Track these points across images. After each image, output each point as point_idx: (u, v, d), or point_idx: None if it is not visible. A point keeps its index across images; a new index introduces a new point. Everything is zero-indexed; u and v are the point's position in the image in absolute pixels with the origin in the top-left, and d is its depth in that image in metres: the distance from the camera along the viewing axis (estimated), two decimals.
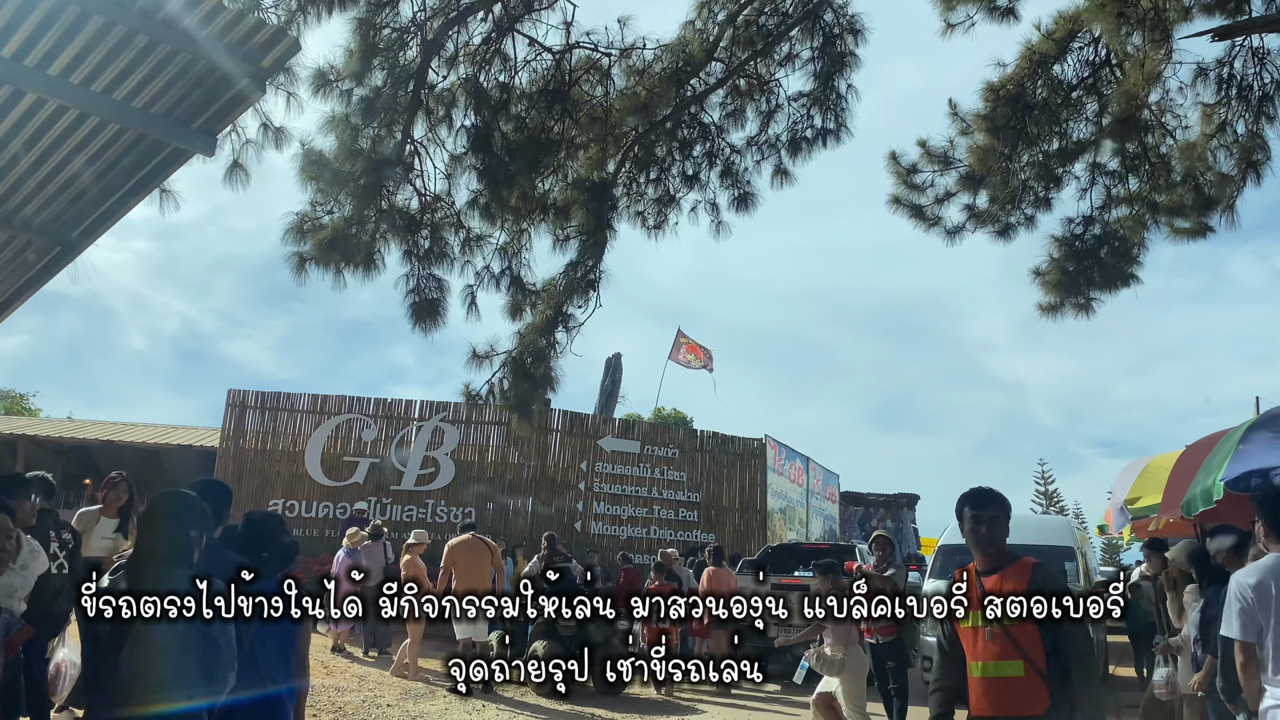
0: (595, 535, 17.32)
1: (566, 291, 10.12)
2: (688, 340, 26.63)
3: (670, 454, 18.57)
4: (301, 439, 16.20)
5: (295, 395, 16.48)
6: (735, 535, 19.12)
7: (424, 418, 16.67)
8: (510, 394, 10.18)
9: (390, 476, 16.26)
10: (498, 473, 16.95)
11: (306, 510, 15.76)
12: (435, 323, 9.81)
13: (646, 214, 11.47)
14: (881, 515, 29.45)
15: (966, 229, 12.24)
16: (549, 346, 10.31)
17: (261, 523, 4.15)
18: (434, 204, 10.08)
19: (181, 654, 3.02)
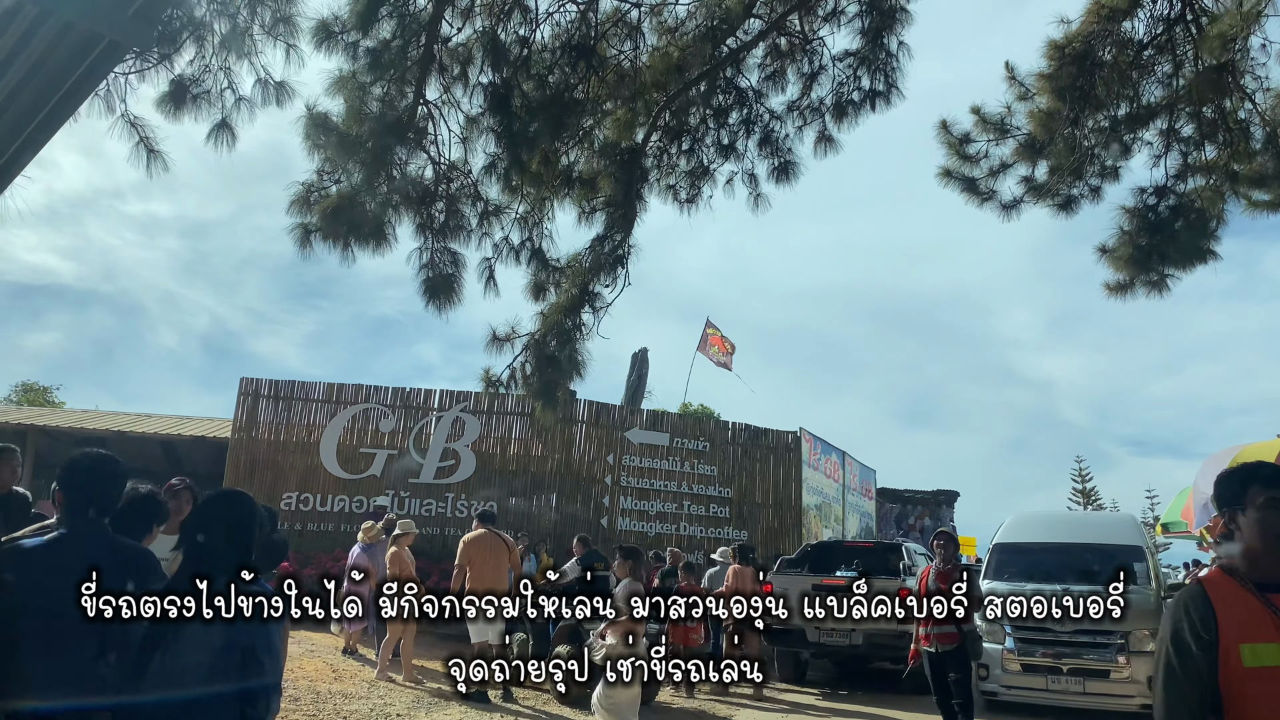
0: (621, 531, 16.63)
1: (593, 268, 9.43)
2: (714, 331, 25.89)
3: (700, 447, 17.85)
4: (316, 430, 15.65)
5: (310, 384, 15.92)
6: (768, 532, 18.39)
7: (444, 408, 16.05)
8: (533, 379, 9.51)
9: (410, 469, 15.66)
10: (520, 466, 16.31)
11: (321, 504, 15.20)
12: (450, 300, 9.15)
13: (679, 187, 10.78)
14: (919, 513, 28.58)
15: (1024, 203, 11.42)
16: (574, 328, 9.61)
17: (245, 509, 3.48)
18: (449, 173, 9.41)
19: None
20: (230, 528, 3.05)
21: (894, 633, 10.77)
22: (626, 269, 9.54)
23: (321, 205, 8.50)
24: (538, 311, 9.57)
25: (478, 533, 9.57)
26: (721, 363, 25.80)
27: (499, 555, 9.29)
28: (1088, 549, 10.34)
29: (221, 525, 3.04)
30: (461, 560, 9.36)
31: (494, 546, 9.33)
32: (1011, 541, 10.86)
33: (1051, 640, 9.74)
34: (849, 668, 12.58)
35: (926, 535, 28.34)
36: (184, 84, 7.39)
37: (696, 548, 17.38)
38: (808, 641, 11.15)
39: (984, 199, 11.63)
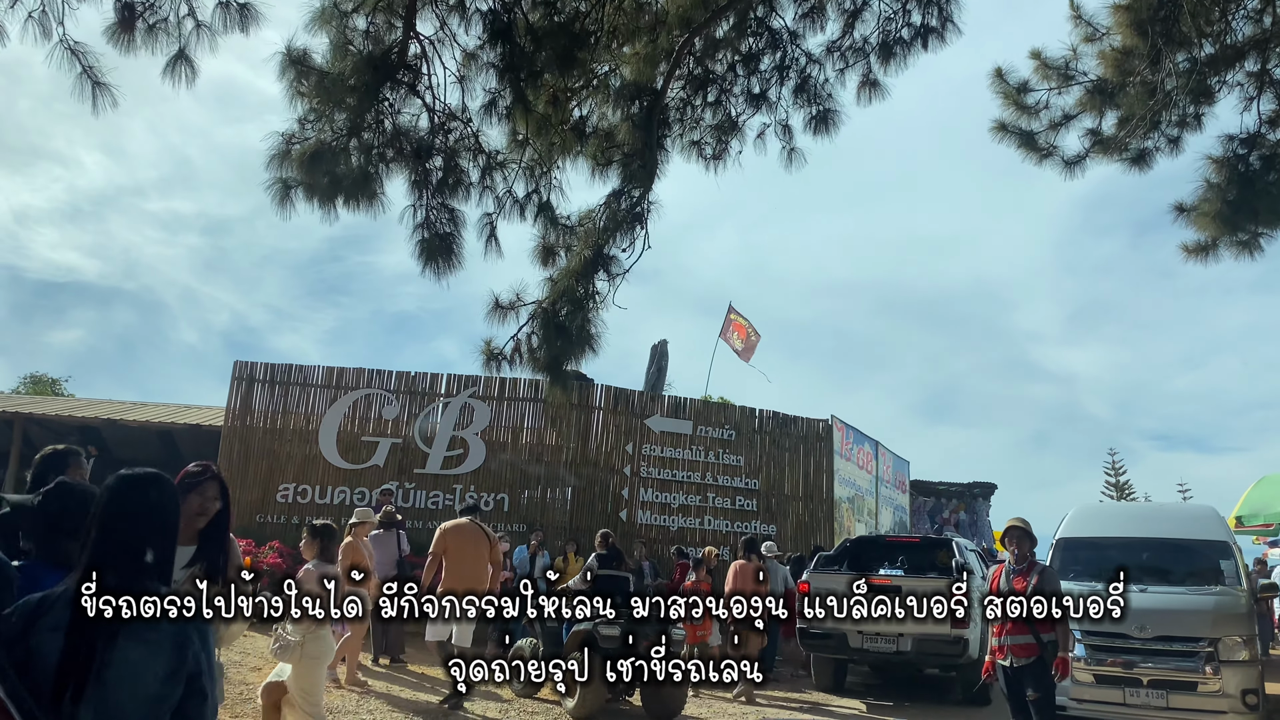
0: (642, 525, 15.69)
1: (608, 228, 8.45)
2: (736, 317, 24.82)
3: (726, 435, 16.85)
4: (315, 417, 14.79)
5: (308, 368, 15.05)
6: (798, 527, 17.41)
7: (451, 394, 15.14)
8: (540, 352, 8.55)
9: (415, 459, 14.76)
10: (533, 455, 15.38)
11: (320, 496, 14.34)
12: (450, 262, 8.21)
13: (704, 143, 9.81)
14: (954, 506, 27.46)
15: (1089, 159, 10.38)
16: (587, 296, 8.64)
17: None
18: (447, 123, 8.45)
19: None
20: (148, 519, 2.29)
21: (947, 638, 9.76)
22: (646, 229, 8.56)
23: (299, 154, 7.56)
24: (545, 277, 8.62)
25: (458, 521, 8.63)
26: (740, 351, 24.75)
27: (479, 548, 8.33)
28: (1167, 545, 9.28)
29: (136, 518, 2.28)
30: (436, 548, 8.41)
31: (474, 538, 8.35)
32: (1078, 536, 9.82)
33: (1127, 647, 8.70)
34: (893, 675, 11.56)
35: (962, 529, 27.24)
36: (133, 7, 6.45)
37: (722, 543, 16.39)
38: (849, 647, 10.15)
39: (1043, 155, 10.61)
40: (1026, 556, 6.61)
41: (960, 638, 9.71)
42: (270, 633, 6.24)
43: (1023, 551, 6.61)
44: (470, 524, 8.49)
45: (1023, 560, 6.59)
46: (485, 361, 8.53)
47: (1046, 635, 6.31)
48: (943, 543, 11.33)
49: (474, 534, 8.38)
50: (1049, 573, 6.60)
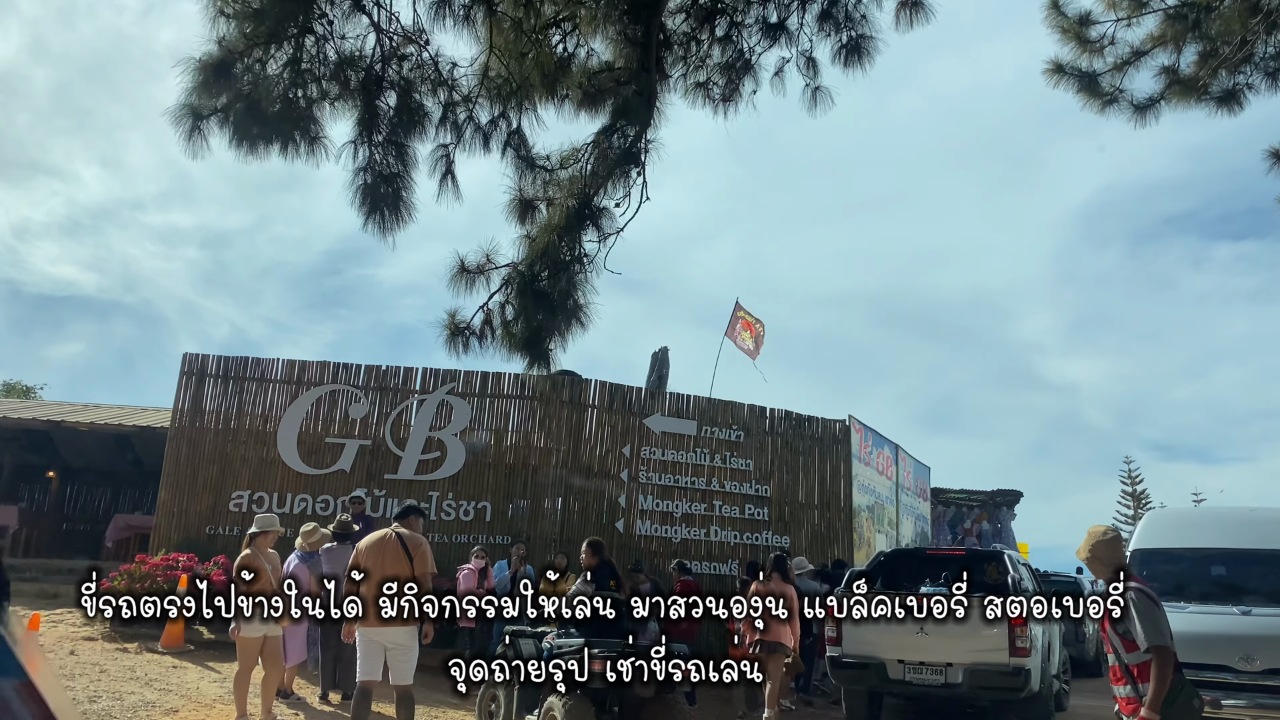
0: (640, 537, 14.25)
1: (598, 172, 7.05)
2: (744, 314, 23.37)
3: (734, 436, 15.42)
4: (273, 415, 13.37)
5: (266, 361, 13.63)
6: (814, 538, 15.97)
7: (427, 390, 13.72)
8: (515, 325, 7.14)
9: (386, 462, 13.32)
10: (519, 458, 13.94)
11: (279, 504, 12.91)
12: (398, 213, 6.79)
13: (712, 83, 8.41)
14: (977, 516, 26.02)
15: (1163, 103, 8.98)
16: (573, 258, 7.24)
17: None
18: (401, 46, 7.04)
19: None
20: None
21: (1005, 668, 8.32)
22: (644, 174, 7.15)
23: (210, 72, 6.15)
24: (521, 234, 7.21)
25: (377, 534, 7.12)
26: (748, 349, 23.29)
27: (396, 568, 6.75)
28: (1272, 557, 7.81)
29: None
30: (351, 568, 6.89)
31: (390, 555, 6.78)
32: (1158, 548, 8.39)
33: (1227, 683, 7.24)
34: (936, 709, 10.10)
35: (985, 540, 25.78)
36: None
37: (730, 556, 14.98)
38: (888, 679, 8.71)
39: (1107, 101, 9.23)
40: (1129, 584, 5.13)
41: (1021, 668, 8.28)
42: None
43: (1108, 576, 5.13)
44: (388, 539, 6.97)
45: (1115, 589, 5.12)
46: (448, 338, 7.12)
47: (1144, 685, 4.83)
48: (992, 555, 9.91)
49: (390, 550, 6.84)
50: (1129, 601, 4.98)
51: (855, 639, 8.90)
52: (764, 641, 9.09)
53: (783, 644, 9.13)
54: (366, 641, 6.72)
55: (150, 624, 10.75)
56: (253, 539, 7.61)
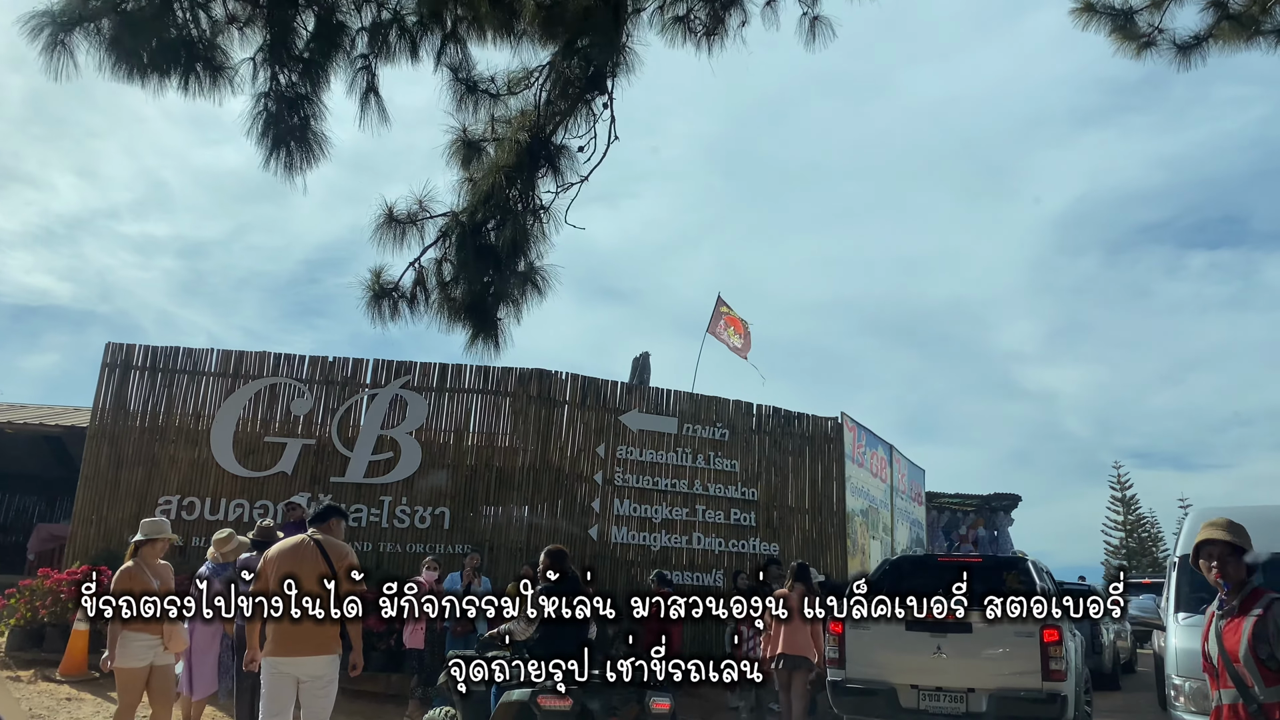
0: (616, 545, 13.06)
1: (554, 101, 5.90)
2: (728, 310, 22.25)
3: (719, 435, 14.29)
4: (207, 412, 12.11)
5: (198, 352, 12.40)
6: (805, 544, 14.85)
7: (378, 384, 12.52)
8: (455, 286, 5.97)
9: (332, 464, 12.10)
10: (482, 459, 12.75)
11: (212, 510, 11.70)
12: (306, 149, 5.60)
13: (693, 17, 7.25)
14: (972, 521, 24.94)
15: (1210, 42, 7.92)
16: (527, 208, 6.08)
17: None
18: None
19: None
20: None
21: (1037, 694, 7.20)
22: (612, 105, 6.01)
23: None
24: (463, 177, 6.04)
25: (291, 540, 5.88)
26: (736, 347, 22.15)
27: (313, 582, 5.52)
28: None
29: None
30: (257, 586, 5.66)
31: (305, 562, 5.53)
32: None
33: None
34: None
35: (982, 546, 24.74)
36: None
37: (714, 565, 13.84)
38: (899, 707, 7.58)
39: (1144, 43, 8.13)
40: (1243, 583, 4.03)
41: (1056, 694, 7.18)
42: None
43: (1235, 576, 4.03)
44: (303, 546, 5.73)
45: (1237, 592, 4.01)
46: (370, 301, 5.93)
47: None
48: (1013, 563, 8.81)
49: (306, 563, 5.59)
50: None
51: (861, 660, 7.78)
52: (787, 656, 8.33)
53: (807, 658, 8.39)
54: (274, 674, 5.51)
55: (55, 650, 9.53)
56: (138, 548, 6.40)
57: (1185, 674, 6.44)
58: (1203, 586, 7.24)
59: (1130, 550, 53.34)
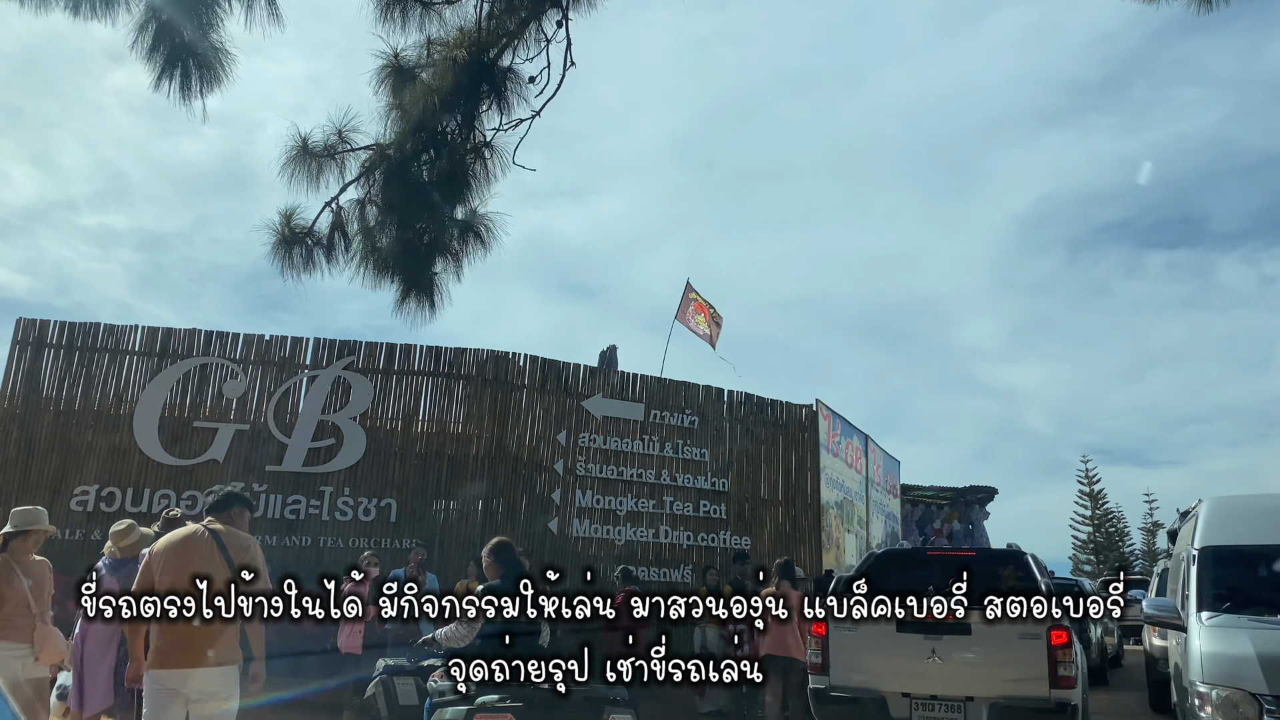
0: (577, 539, 12.26)
1: (503, 17, 5.06)
2: (697, 297, 21.46)
3: (687, 422, 13.54)
4: (129, 394, 11.14)
5: (120, 329, 11.43)
6: (778, 538, 14.14)
7: (319, 364, 11.61)
8: (383, 231, 5.12)
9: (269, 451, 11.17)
10: (432, 447, 11.86)
11: (134, 502, 10.74)
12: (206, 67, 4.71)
13: None
14: (947, 515, 24.40)
15: None
16: (467, 144, 5.23)
17: None
18: None
19: None
20: None
21: (1044, 703, 6.48)
22: (567, 25, 5.16)
23: None
24: (392, 103, 5.18)
25: (182, 532, 4.99)
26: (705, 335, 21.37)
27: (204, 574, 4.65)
28: None
29: None
30: (141, 583, 4.77)
31: (199, 563, 4.61)
32: (1235, 545, 6.61)
33: None
34: None
35: (956, 540, 24.21)
36: None
37: (682, 560, 13.08)
38: (889, 718, 6.81)
39: None
40: None
41: (1065, 703, 6.47)
42: None
43: None
44: (197, 538, 4.85)
45: None
46: (277, 247, 5.07)
47: None
48: (1009, 557, 8.09)
49: (199, 559, 4.69)
50: None
51: (847, 666, 7.01)
52: (773, 657, 7.94)
53: (795, 658, 7.99)
54: (157, 690, 4.62)
55: None
56: (7, 542, 5.48)
57: (1214, 681, 5.72)
58: (1234, 583, 6.58)
59: (1098, 545, 53.50)
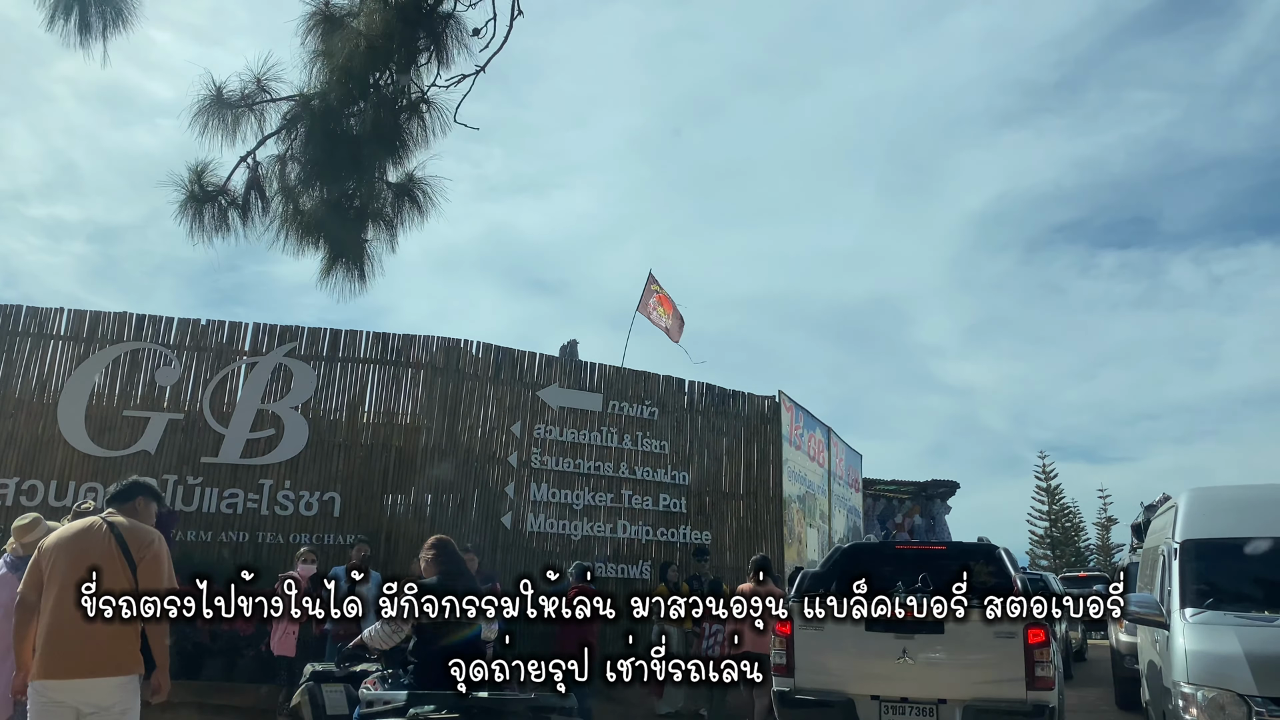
0: (532, 534, 11.80)
1: None
2: (659, 289, 21.05)
3: (647, 414, 13.15)
4: (55, 382, 10.50)
5: (45, 311, 10.79)
6: (739, 532, 13.81)
7: (258, 351, 11.04)
8: (306, 191, 4.62)
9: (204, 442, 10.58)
10: (378, 438, 11.34)
11: (58, 495, 10.15)
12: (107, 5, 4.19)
13: None
14: (908, 509, 24.22)
15: None
16: (400, 97, 4.75)
17: None
18: None
19: None
20: None
21: (1020, 705, 6.16)
22: None
23: None
24: (318, 49, 4.68)
25: (74, 525, 4.50)
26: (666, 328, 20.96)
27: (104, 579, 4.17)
28: None
29: None
30: (28, 583, 4.28)
31: (95, 559, 4.10)
32: (1218, 538, 6.33)
33: None
34: None
35: (918, 535, 24.05)
36: None
37: (640, 556, 12.69)
38: None
39: None
40: None
41: (1043, 705, 6.15)
42: None
43: None
44: (93, 531, 4.34)
45: None
46: (186, 205, 4.56)
47: None
48: (982, 551, 7.76)
49: (95, 555, 4.19)
50: None
51: (812, 667, 6.64)
52: (750, 654, 7.18)
53: None
54: (43, 704, 4.11)
55: None
56: None
57: (1200, 682, 5.41)
58: (1218, 578, 6.28)
59: (1054, 540, 54.10)
